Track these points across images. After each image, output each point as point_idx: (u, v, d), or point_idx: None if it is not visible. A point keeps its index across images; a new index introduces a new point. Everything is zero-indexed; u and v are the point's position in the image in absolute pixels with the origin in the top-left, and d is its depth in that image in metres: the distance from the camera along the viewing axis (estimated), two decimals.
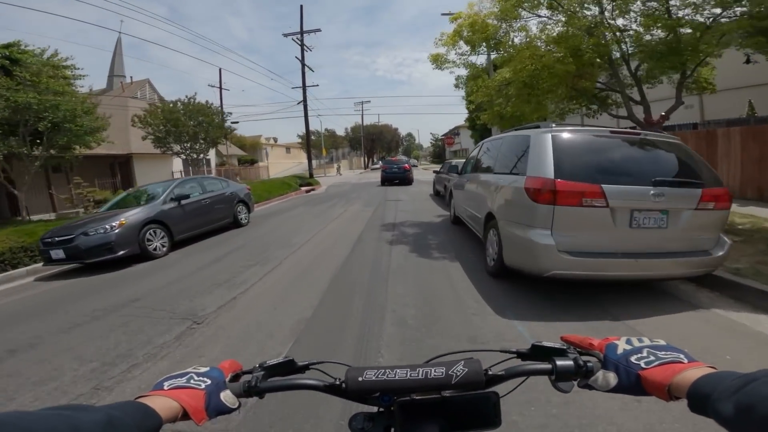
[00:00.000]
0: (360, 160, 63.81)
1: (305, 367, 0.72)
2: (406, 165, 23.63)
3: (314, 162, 58.70)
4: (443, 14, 13.65)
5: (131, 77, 38.51)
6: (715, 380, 0.47)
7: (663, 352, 0.58)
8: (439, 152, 78.39)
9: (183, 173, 20.86)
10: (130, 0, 59.55)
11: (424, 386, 0.60)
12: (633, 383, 0.56)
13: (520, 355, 0.71)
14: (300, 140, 50.29)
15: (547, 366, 0.63)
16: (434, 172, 15.16)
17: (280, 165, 53.24)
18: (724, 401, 0.43)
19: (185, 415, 0.56)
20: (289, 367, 0.70)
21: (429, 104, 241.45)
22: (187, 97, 17.72)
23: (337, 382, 0.64)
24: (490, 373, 0.63)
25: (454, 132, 58.03)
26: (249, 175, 29.55)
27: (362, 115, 59.05)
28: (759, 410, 0.39)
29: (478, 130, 24.72)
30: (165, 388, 0.59)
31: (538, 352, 0.68)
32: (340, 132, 64.38)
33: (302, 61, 26.24)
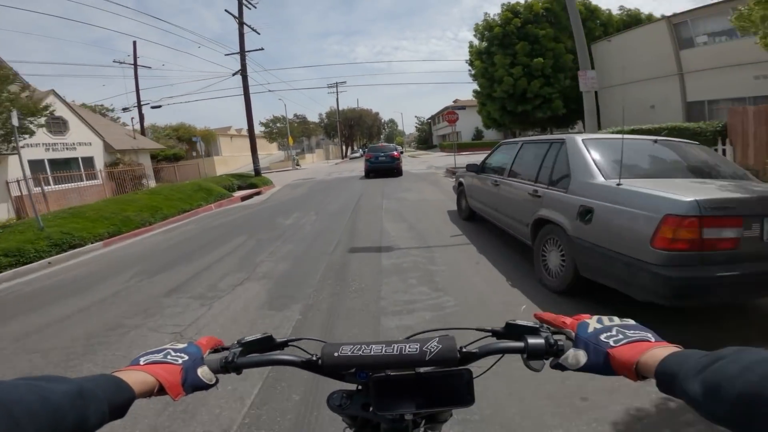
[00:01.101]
0: (337, 149, 56.29)
1: (284, 344, 0.72)
2: (395, 152, 18.56)
3: (281, 153, 51.46)
4: None
5: None
6: (682, 359, 0.47)
7: (631, 331, 0.57)
8: (425, 137, 71.31)
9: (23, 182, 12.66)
10: None
11: (398, 362, 0.60)
12: (602, 362, 0.56)
13: (495, 334, 0.70)
14: (264, 128, 42.54)
15: (519, 344, 0.63)
16: (466, 168, 6.87)
17: (241, 159, 45.60)
18: (691, 380, 0.43)
19: (161, 390, 0.56)
20: (267, 343, 0.70)
21: (410, 92, 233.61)
22: None
23: (314, 358, 0.64)
24: (464, 350, 0.63)
25: (460, 107, 50.99)
26: (175, 175, 21.78)
27: (337, 96, 51.39)
28: (725, 389, 0.39)
29: (497, 103, 18.01)
30: (141, 363, 0.58)
31: (512, 331, 0.67)
32: (313, 118, 56.71)
33: (239, 16, 18.71)
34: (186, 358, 0.61)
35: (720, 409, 0.39)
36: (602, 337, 0.58)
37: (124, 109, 27.55)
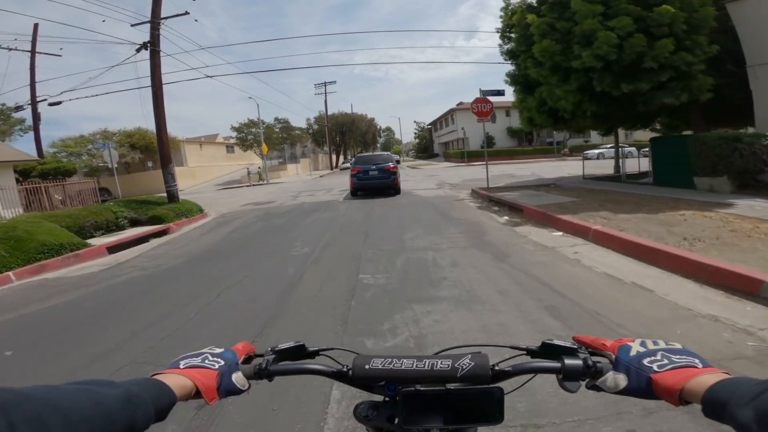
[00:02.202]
0: (329, 158, 49.90)
1: (315, 353, 0.72)
2: (390, 164, 13.61)
3: (258, 164, 45.05)
4: None
5: None
6: (732, 386, 0.46)
7: (677, 356, 0.56)
8: (425, 145, 65.11)
9: None
10: None
11: (429, 377, 0.60)
12: (643, 386, 0.55)
13: (530, 353, 0.69)
14: (237, 134, 36.06)
15: (555, 365, 0.62)
16: None
17: (215, 170, 39.06)
18: (743, 407, 0.42)
19: (197, 394, 0.57)
20: (299, 351, 0.70)
21: (408, 101, 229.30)
22: None
23: (345, 369, 0.65)
24: (496, 368, 0.63)
25: (492, 93, 44.63)
26: (64, 197, 14.72)
27: (325, 97, 45.15)
28: None
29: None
30: (181, 366, 0.60)
31: (547, 351, 0.66)
32: (299, 122, 50.47)
33: None
34: (222, 363, 0.62)
35: None
36: (645, 361, 0.56)
37: (17, 108, 20.71)
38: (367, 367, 0.62)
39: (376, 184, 13.12)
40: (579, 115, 10.05)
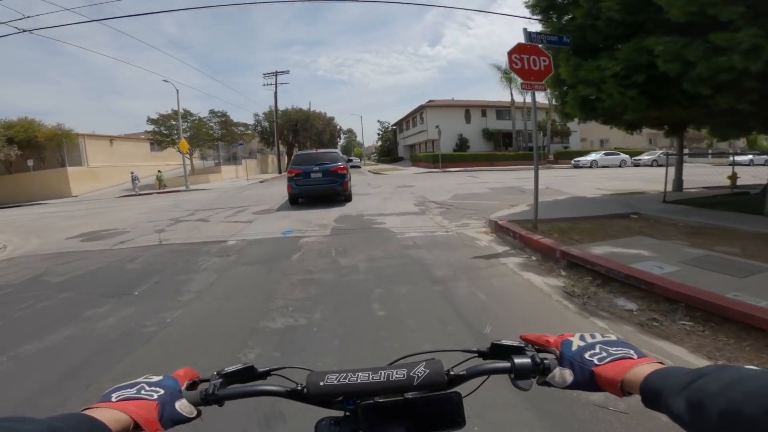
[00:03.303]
0: (276, 160, 42.92)
1: (266, 373, 0.69)
2: (339, 165, 10.61)
3: (205, 163, 37.37)
4: None
5: None
6: (665, 376, 0.48)
7: (614, 348, 0.58)
8: (389, 147, 59.61)
9: None
10: None
11: (386, 389, 0.59)
12: (588, 379, 0.56)
13: (481, 354, 0.70)
14: (154, 128, 28.53)
15: (506, 364, 0.63)
16: None
17: (126, 171, 30.98)
18: (675, 397, 0.44)
19: (137, 427, 0.53)
20: (248, 373, 0.68)
21: (370, 105, 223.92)
22: None
23: (299, 388, 0.63)
24: (452, 373, 0.63)
25: (550, 40, 38.98)
26: None
27: (276, 89, 38.34)
28: (708, 407, 0.40)
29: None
30: (113, 399, 0.55)
31: (498, 351, 0.67)
32: (243, 118, 43.18)
33: None
34: (162, 392, 0.58)
35: (704, 426, 0.40)
36: (586, 355, 0.58)
37: None
38: (321, 383, 0.60)
39: (320, 189, 10.47)
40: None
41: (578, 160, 26.72)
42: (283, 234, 6.57)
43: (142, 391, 0.57)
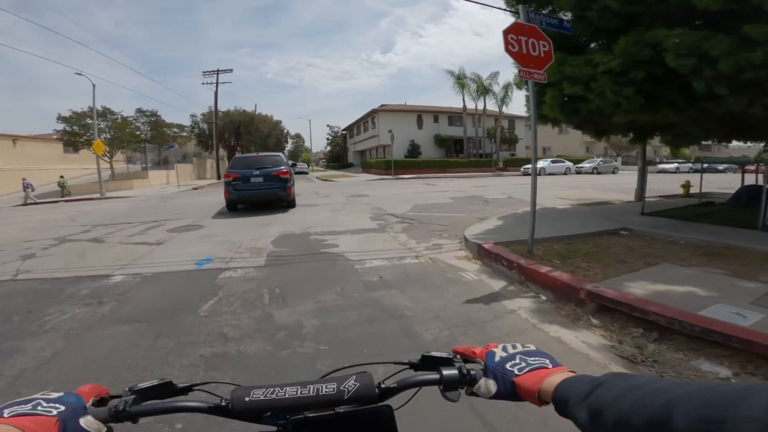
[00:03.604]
0: (214, 164, 39.45)
1: (187, 389, 0.65)
2: (282, 169, 10.08)
3: (133, 168, 33.04)
4: None
5: None
6: (570, 385, 0.49)
7: (532, 358, 0.59)
8: (339, 152, 57.90)
9: None
10: None
11: (316, 403, 0.58)
12: (510, 390, 0.57)
13: (413, 366, 0.70)
14: (63, 127, 24.58)
15: (435, 376, 0.63)
16: None
17: (43, 174, 26.13)
18: (578, 407, 0.45)
19: None
20: (166, 389, 0.62)
21: (321, 109, 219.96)
22: None
23: (223, 403, 0.59)
24: (382, 386, 0.62)
25: (549, 23, 37.62)
26: None
27: (216, 88, 35.18)
28: (605, 416, 0.41)
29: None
30: (5, 415, 0.50)
31: (428, 363, 0.67)
32: (181, 119, 39.45)
33: None
34: (62, 408, 0.53)
35: None
36: (508, 365, 0.59)
37: None
38: (247, 399, 0.57)
39: (261, 195, 9.89)
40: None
41: (527, 168, 26.96)
42: (197, 265, 4.82)
43: (39, 407, 0.53)
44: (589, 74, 5.61)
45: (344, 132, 55.56)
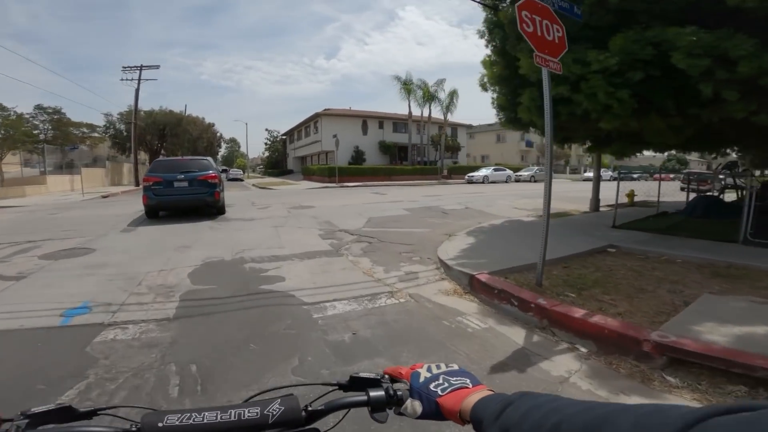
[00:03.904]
0: (132, 169, 34.98)
1: (91, 413, 0.59)
2: (210, 174, 9.46)
3: (32, 171, 27.72)
4: None
5: None
6: (485, 405, 0.49)
7: (454, 378, 0.59)
8: (277, 159, 54.99)
9: None
10: None
11: (238, 428, 0.55)
12: (434, 410, 0.57)
13: (341, 387, 0.67)
14: None
15: (363, 397, 0.62)
16: None
17: None
18: (491, 427, 0.45)
19: None
20: (66, 413, 0.58)
21: (259, 113, 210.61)
22: None
23: (133, 429, 0.55)
24: (309, 408, 0.60)
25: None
26: None
27: (138, 85, 31.12)
28: None
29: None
30: None
31: (356, 384, 0.66)
32: (92, 119, 34.82)
33: None
34: None
35: None
36: (431, 386, 0.59)
37: None
38: (160, 424, 0.53)
39: (186, 200, 9.21)
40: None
41: (472, 176, 27.12)
42: (63, 318, 3.18)
43: None
44: (579, 74, 4.89)
45: (284, 137, 53.00)
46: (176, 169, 9.37)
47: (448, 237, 6.54)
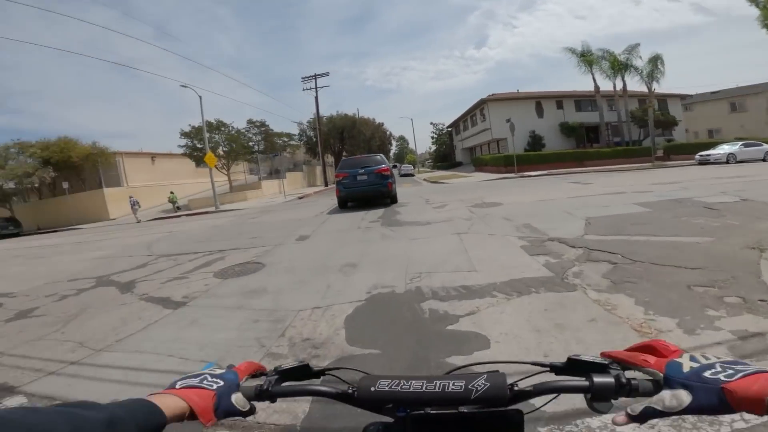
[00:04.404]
0: (336, 170, 39.60)
1: (321, 372, 0.68)
2: (383, 167, 11.21)
3: (253, 178, 34.78)
4: None
5: None
6: None
7: (740, 366, 0.50)
8: (445, 152, 54.35)
9: None
10: None
11: (440, 400, 0.55)
12: (715, 400, 0.49)
13: (554, 369, 0.62)
14: (186, 142, 26.30)
15: (583, 383, 0.55)
16: None
17: (178, 189, 28.89)
18: None
19: (192, 415, 0.55)
20: (304, 371, 0.67)
21: (419, 110, 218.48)
22: None
23: (349, 390, 0.59)
24: (516, 388, 0.56)
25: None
26: None
27: (316, 93, 35.18)
28: None
29: None
30: (177, 387, 0.57)
31: (574, 367, 0.59)
32: (285, 127, 40.97)
33: None
34: (221, 383, 0.59)
35: None
36: (707, 374, 0.50)
37: None
38: (372, 389, 0.57)
39: (366, 191, 11.01)
40: None
41: (707, 155, 19.83)
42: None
43: (204, 382, 0.58)
44: None
45: (449, 129, 51.88)
46: (357, 165, 11.17)
47: (761, 252, 3.62)
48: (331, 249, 5.81)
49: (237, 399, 0.58)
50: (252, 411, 0.60)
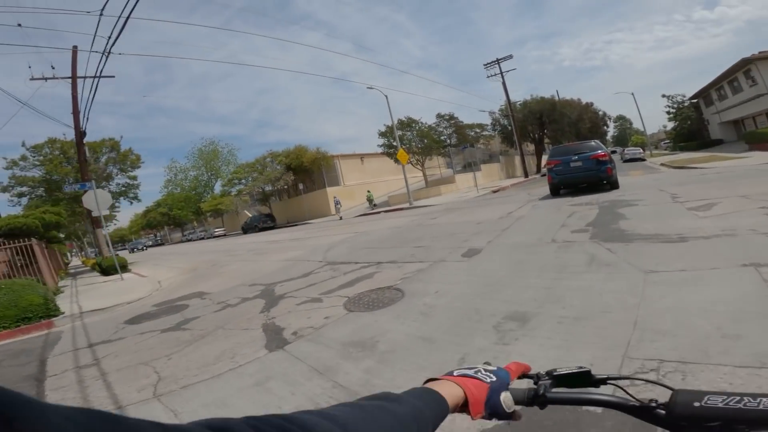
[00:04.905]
0: (530, 160, 35.80)
1: (602, 381, 0.60)
2: (599, 153, 10.92)
3: (448, 172, 34.98)
4: None
5: None
6: None
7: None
8: (691, 128, 40.97)
9: None
10: None
11: None
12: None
13: None
14: (386, 141, 27.96)
15: None
16: None
17: (381, 186, 31.84)
18: None
19: (464, 406, 0.55)
20: (583, 378, 0.60)
21: (641, 87, 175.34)
22: None
23: (653, 404, 0.51)
24: None
25: None
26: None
27: (503, 78, 31.93)
28: None
29: None
30: (454, 374, 0.59)
31: None
32: (477, 118, 39.14)
33: None
34: (494, 379, 0.58)
35: None
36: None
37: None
38: (696, 404, 0.48)
39: (581, 177, 10.93)
40: None
41: None
42: None
43: (479, 374, 0.58)
44: None
45: (694, 101, 38.76)
46: (570, 153, 11.36)
47: None
48: (500, 278, 3.96)
49: (505, 398, 0.56)
50: (514, 416, 0.56)
